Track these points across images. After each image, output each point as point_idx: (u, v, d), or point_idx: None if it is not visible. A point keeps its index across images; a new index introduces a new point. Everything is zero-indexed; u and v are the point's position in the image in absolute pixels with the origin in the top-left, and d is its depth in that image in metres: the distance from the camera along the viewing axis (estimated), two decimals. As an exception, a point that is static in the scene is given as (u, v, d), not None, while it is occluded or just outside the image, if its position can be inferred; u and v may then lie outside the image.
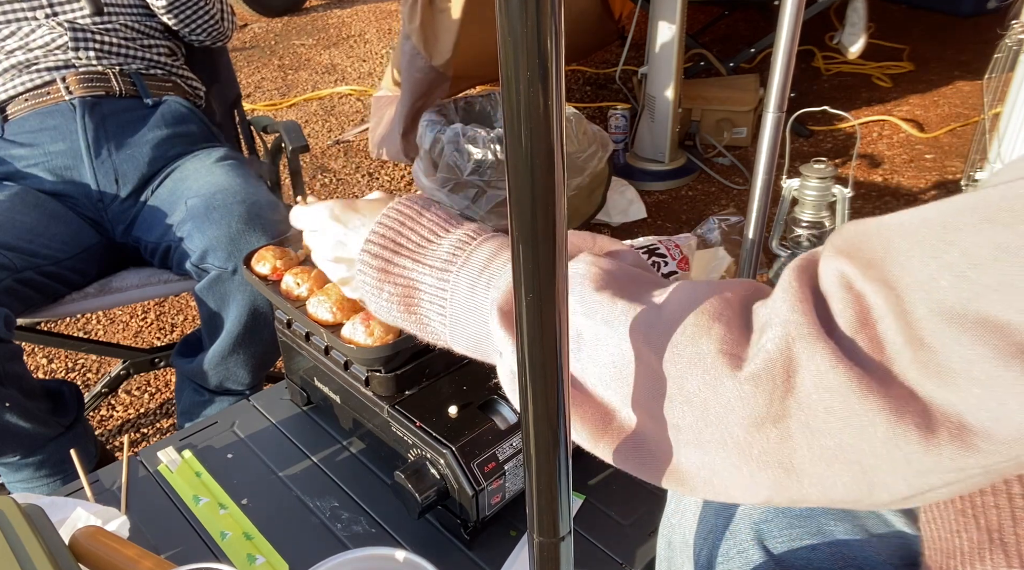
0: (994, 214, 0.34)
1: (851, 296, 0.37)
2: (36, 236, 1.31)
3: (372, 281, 0.57)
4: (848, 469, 0.38)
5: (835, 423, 0.37)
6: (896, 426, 0.35)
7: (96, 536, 0.71)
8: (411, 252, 0.56)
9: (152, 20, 1.57)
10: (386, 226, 0.57)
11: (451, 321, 0.54)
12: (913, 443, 0.35)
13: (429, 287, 0.55)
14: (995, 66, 1.84)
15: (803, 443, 0.38)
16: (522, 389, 0.39)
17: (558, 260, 0.35)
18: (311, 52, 4.37)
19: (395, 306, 0.56)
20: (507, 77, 0.30)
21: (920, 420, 0.35)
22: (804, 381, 0.37)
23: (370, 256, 0.57)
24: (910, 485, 0.37)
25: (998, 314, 0.32)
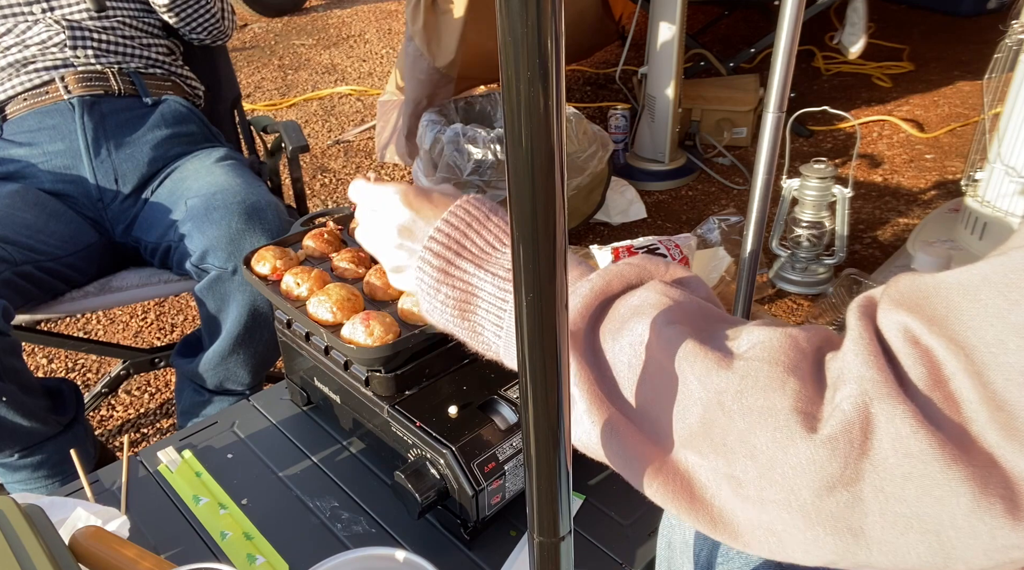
0: None
1: (918, 351, 0.36)
2: (36, 233, 1.31)
3: (430, 280, 0.55)
4: (923, 539, 0.36)
5: (913, 490, 0.35)
6: (981, 499, 0.33)
7: (96, 536, 0.71)
8: (474, 256, 0.54)
9: (151, 18, 1.57)
10: (452, 226, 0.55)
11: (507, 333, 0.52)
12: (998, 517, 0.33)
13: (488, 295, 0.53)
14: (995, 66, 1.84)
15: (875, 509, 0.36)
16: (522, 389, 0.39)
17: (558, 260, 0.35)
18: (311, 52, 4.37)
19: (450, 310, 0.54)
20: (507, 77, 0.30)
21: (1005, 493, 0.33)
22: (882, 444, 0.36)
23: (432, 254, 0.55)
24: (990, 558, 0.35)
25: None
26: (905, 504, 0.35)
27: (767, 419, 0.38)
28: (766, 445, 0.38)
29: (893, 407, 0.35)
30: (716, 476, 0.41)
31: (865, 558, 0.38)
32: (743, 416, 0.39)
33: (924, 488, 0.35)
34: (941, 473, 0.34)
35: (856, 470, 0.36)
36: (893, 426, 0.35)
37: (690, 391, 0.42)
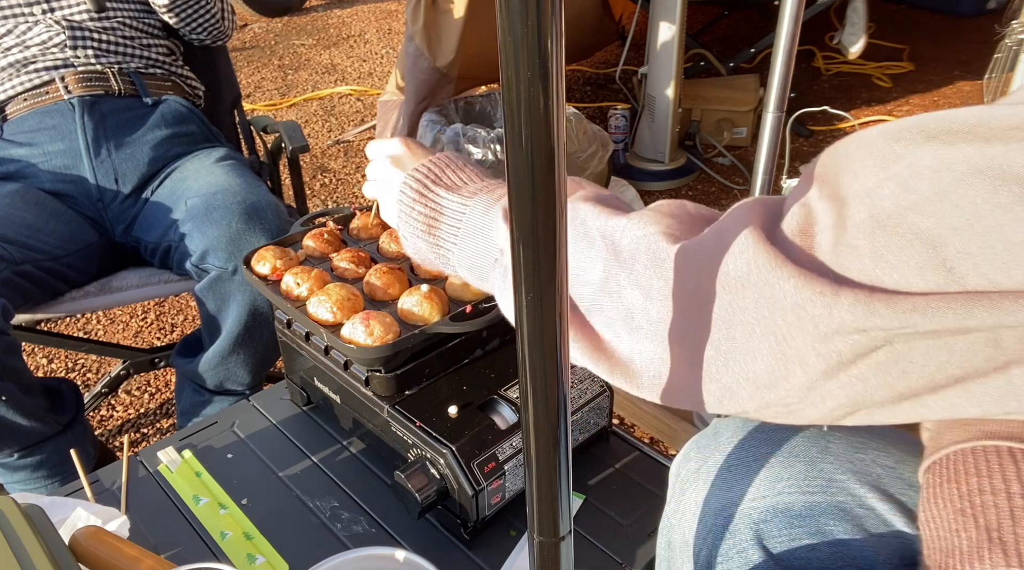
0: (939, 132, 0.36)
1: (803, 211, 0.41)
2: (36, 232, 1.31)
3: (409, 200, 0.66)
4: (765, 343, 0.41)
5: (751, 296, 0.41)
6: (803, 290, 0.38)
7: (96, 536, 0.71)
8: (447, 186, 0.65)
9: (151, 18, 1.57)
10: (434, 163, 0.67)
11: (461, 238, 0.61)
12: (818, 305, 0.38)
13: (451, 211, 0.63)
14: (995, 66, 1.84)
15: (726, 321, 0.42)
16: (522, 389, 0.39)
17: (558, 260, 0.35)
18: (311, 52, 4.37)
19: (420, 225, 0.64)
20: (508, 77, 0.30)
21: (826, 287, 0.38)
22: (728, 260, 0.42)
23: (414, 180, 0.66)
24: (819, 354, 0.39)
25: (930, 226, 0.35)
26: (747, 312, 0.41)
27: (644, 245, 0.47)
28: (644, 267, 0.46)
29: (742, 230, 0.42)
30: (614, 324, 0.48)
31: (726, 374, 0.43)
32: (627, 248, 0.48)
33: (759, 290, 0.40)
34: (771, 272, 0.40)
35: (711, 285, 0.42)
36: (738, 242, 0.41)
37: (593, 244, 0.50)
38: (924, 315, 0.35)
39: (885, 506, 0.57)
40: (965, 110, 0.36)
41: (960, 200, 0.34)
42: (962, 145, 0.35)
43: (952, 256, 0.34)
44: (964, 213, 0.34)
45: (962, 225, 0.34)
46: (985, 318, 0.34)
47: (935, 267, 0.35)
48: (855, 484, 0.58)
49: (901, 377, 0.38)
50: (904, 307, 0.36)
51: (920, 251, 0.35)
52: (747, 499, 0.60)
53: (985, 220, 0.33)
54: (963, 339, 0.36)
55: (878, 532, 0.58)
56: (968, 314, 0.35)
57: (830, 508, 0.58)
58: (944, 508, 0.45)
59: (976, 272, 0.34)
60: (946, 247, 0.34)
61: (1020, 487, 0.42)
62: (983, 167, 0.34)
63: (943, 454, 0.47)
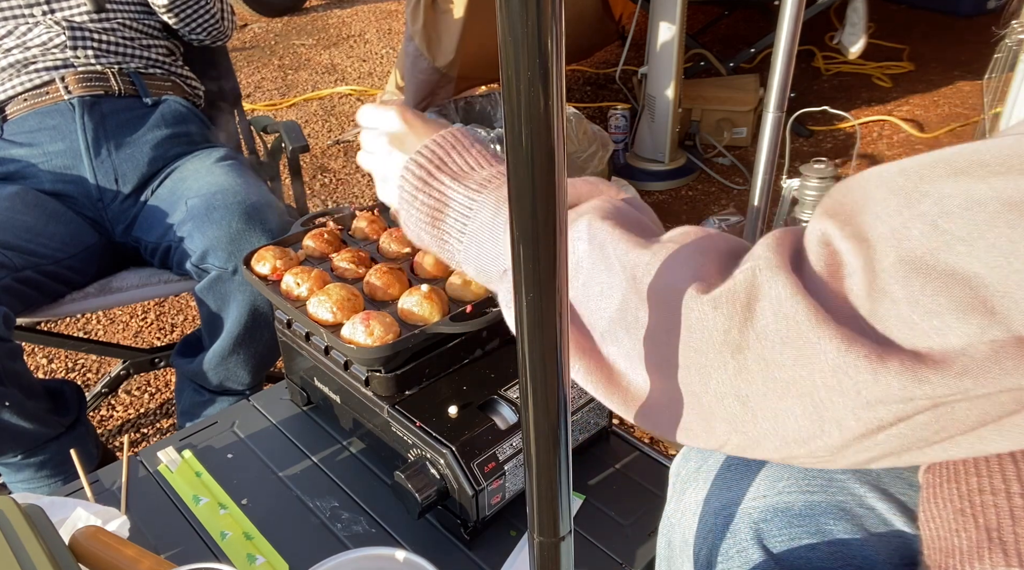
0: (967, 167, 0.34)
1: (827, 252, 0.38)
2: (36, 235, 1.31)
3: (410, 188, 0.60)
4: (800, 403, 0.38)
5: (789, 354, 0.38)
6: (846, 354, 0.36)
7: (96, 536, 0.71)
8: (452, 173, 0.59)
9: (151, 19, 1.57)
10: (438, 145, 0.61)
11: (468, 238, 0.57)
12: (863, 371, 0.35)
13: (458, 204, 0.58)
14: (995, 66, 1.84)
15: (759, 376, 0.39)
16: (522, 389, 0.39)
17: (558, 260, 0.35)
18: (311, 52, 4.37)
19: (424, 216, 0.59)
20: (508, 77, 0.30)
21: (871, 351, 0.35)
22: (764, 310, 0.39)
23: (416, 165, 0.60)
24: (859, 419, 0.37)
25: (965, 266, 0.33)
26: (783, 369, 0.38)
27: (670, 287, 0.43)
28: (668, 310, 0.43)
29: (776, 275, 0.39)
30: (630, 360, 0.45)
31: (753, 428, 0.41)
32: (652, 287, 0.44)
33: (798, 349, 0.37)
34: (812, 332, 0.37)
35: (741, 336, 0.39)
36: (774, 291, 0.38)
37: (612, 273, 0.46)
38: (976, 380, 0.34)
39: (885, 506, 0.57)
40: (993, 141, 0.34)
41: (996, 238, 0.32)
42: (993, 179, 0.33)
43: (992, 297, 0.33)
44: (1001, 251, 0.32)
45: (1000, 264, 0.32)
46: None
47: (975, 309, 0.33)
48: (855, 483, 0.58)
49: (940, 432, 0.37)
50: (955, 372, 0.34)
51: (958, 294, 0.33)
52: (747, 498, 0.60)
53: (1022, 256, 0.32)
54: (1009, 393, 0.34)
55: (878, 532, 0.58)
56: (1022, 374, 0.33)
57: (830, 507, 0.58)
58: (944, 508, 0.45)
59: (1019, 311, 0.32)
60: (985, 288, 0.33)
61: (1020, 487, 0.42)
62: (1018, 201, 0.32)
63: (943, 454, 0.47)
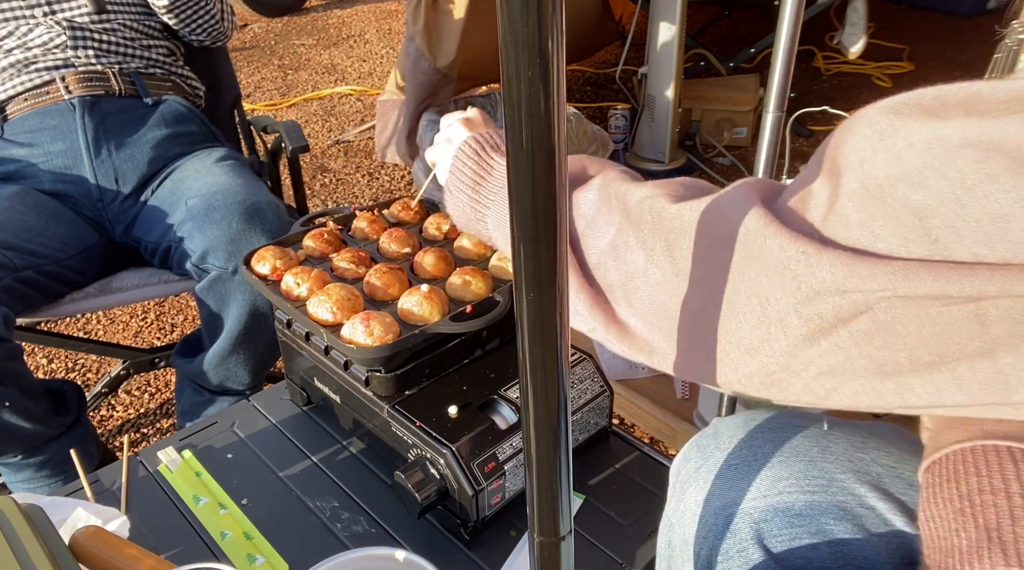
0: (938, 107, 0.36)
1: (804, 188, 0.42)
2: (36, 236, 1.31)
3: (464, 156, 0.71)
4: (750, 303, 0.42)
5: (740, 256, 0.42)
6: (788, 248, 0.39)
7: (96, 536, 0.71)
8: (503, 153, 0.69)
9: (151, 19, 1.57)
10: (499, 133, 0.72)
11: (500, 199, 0.66)
12: (802, 263, 0.39)
13: (498, 174, 0.68)
14: (995, 66, 1.84)
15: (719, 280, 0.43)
16: (522, 389, 0.39)
17: (558, 260, 0.35)
18: (311, 52, 4.37)
19: (467, 179, 0.69)
20: (508, 77, 0.30)
21: (810, 247, 0.39)
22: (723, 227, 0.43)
23: (474, 141, 0.71)
24: (800, 316, 0.40)
25: (917, 198, 0.35)
26: (735, 271, 0.42)
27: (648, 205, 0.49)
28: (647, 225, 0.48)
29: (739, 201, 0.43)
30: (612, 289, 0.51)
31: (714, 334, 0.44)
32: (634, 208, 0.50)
33: (747, 249, 0.42)
34: (759, 233, 0.41)
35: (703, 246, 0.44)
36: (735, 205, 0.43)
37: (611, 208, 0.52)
38: (904, 278, 0.36)
39: (885, 505, 0.57)
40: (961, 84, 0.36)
41: (949, 171, 0.34)
42: (956, 118, 0.35)
43: (938, 228, 0.35)
44: (952, 184, 0.34)
45: (949, 197, 0.34)
46: (964, 286, 0.34)
47: (920, 238, 0.35)
48: (855, 483, 0.58)
49: (883, 348, 0.38)
50: (884, 270, 0.36)
51: (907, 222, 0.36)
52: (747, 498, 0.60)
53: (972, 192, 0.34)
54: (944, 311, 0.36)
55: (878, 531, 0.58)
56: (947, 281, 0.35)
57: (830, 507, 0.58)
58: (944, 508, 0.45)
59: (961, 245, 0.34)
60: (932, 218, 0.35)
61: (1019, 487, 0.42)
62: (974, 139, 0.34)
63: (943, 454, 0.47)
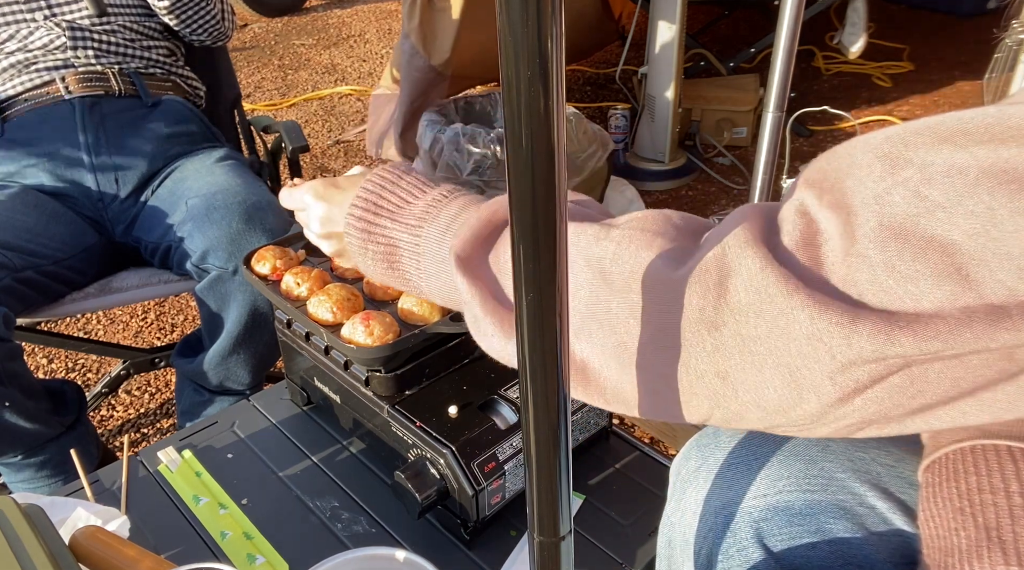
0: (951, 134, 0.35)
1: (803, 221, 0.39)
2: (36, 236, 1.31)
3: (358, 243, 0.61)
4: (777, 373, 0.38)
5: (764, 326, 0.38)
6: (819, 320, 0.36)
7: (96, 536, 0.71)
8: (390, 213, 0.60)
9: (152, 20, 1.57)
10: (368, 191, 0.62)
11: (425, 275, 0.58)
12: (836, 336, 0.36)
13: (406, 244, 0.59)
14: (995, 66, 1.84)
15: (736, 351, 0.39)
16: (522, 389, 0.39)
17: (558, 260, 0.35)
18: (311, 52, 4.37)
19: (380, 264, 0.60)
20: (508, 77, 0.30)
21: (843, 315, 0.36)
22: (736, 285, 0.39)
23: (354, 219, 0.61)
24: (835, 383, 0.37)
25: (943, 233, 0.33)
26: (759, 342, 0.38)
27: (639, 272, 0.43)
28: (639, 295, 0.43)
29: (745, 250, 0.39)
30: (604, 354, 0.45)
31: (735, 402, 0.41)
32: (620, 276, 0.44)
33: (772, 320, 0.38)
34: (784, 301, 0.37)
35: (716, 314, 0.39)
36: (745, 265, 0.39)
37: (576, 271, 0.46)
38: (946, 342, 0.34)
39: (885, 504, 0.57)
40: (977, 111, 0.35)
41: (975, 205, 0.33)
42: (975, 147, 0.33)
43: (968, 264, 0.33)
44: (979, 218, 0.33)
45: (978, 231, 0.33)
46: (1007, 340, 0.33)
47: (950, 276, 0.33)
48: (855, 482, 0.58)
49: (916, 396, 0.37)
50: (926, 334, 0.34)
51: (934, 259, 0.34)
52: (747, 498, 0.60)
53: (1002, 225, 0.32)
54: (978, 356, 0.35)
55: (878, 531, 0.58)
56: (991, 338, 0.33)
57: (830, 507, 0.58)
58: (943, 507, 0.45)
59: (993, 279, 0.33)
60: (961, 254, 0.33)
61: (1019, 486, 0.42)
62: (999, 170, 0.33)
63: (942, 453, 0.47)
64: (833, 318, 0.36)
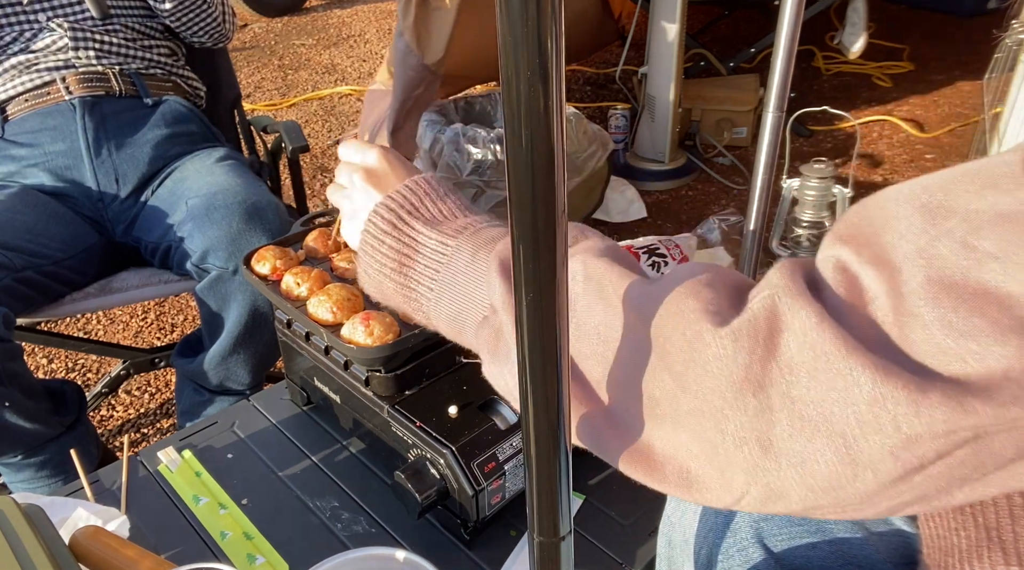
0: (996, 180, 0.32)
1: (844, 279, 0.36)
2: (36, 236, 1.31)
3: (378, 230, 0.57)
4: (830, 443, 0.34)
5: (818, 389, 0.34)
6: (883, 385, 0.32)
7: (96, 536, 0.71)
8: (426, 219, 0.57)
9: (153, 21, 1.57)
10: (411, 190, 0.58)
11: (440, 285, 0.54)
12: (902, 403, 0.32)
13: (430, 249, 0.55)
14: (995, 66, 1.84)
15: (783, 415, 0.35)
16: (522, 389, 0.39)
17: (558, 260, 0.35)
18: (311, 52, 4.37)
19: (390, 261, 0.56)
20: (507, 77, 0.30)
21: (909, 381, 0.32)
22: (788, 341, 0.35)
23: (386, 208, 0.57)
24: (897, 459, 0.33)
25: (999, 285, 0.31)
26: (811, 406, 0.34)
27: (679, 322, 0.39)
28: (679, 348, 0.38)
29: (798, 303, 0.35)
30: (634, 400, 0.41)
31: (775, 476, 0.37)
32: (659, 329, 0.40)
33: (828, 383, 0.34)
34: (842, 362, 0.33)
35: (764, 372, 0.35)
36: (798, 320, 0.35)
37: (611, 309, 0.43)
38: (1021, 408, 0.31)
39: (885, 505, 0.57)
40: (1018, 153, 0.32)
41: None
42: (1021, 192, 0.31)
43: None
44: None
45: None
46: None
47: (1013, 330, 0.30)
48: (855, 483, 0.58)
49: (977, 469, 0.34)
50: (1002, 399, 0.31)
51: (993, 314, 0.31)
52: (747, 498, 0.60)
53: None
54: None
55: (878, 530, 0.58)
56: None
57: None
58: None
59: None
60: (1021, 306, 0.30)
61: (1020, 486, 0.42)
62: None
63: (943, 454, 0.47)
64: (899, 383, 0.32)
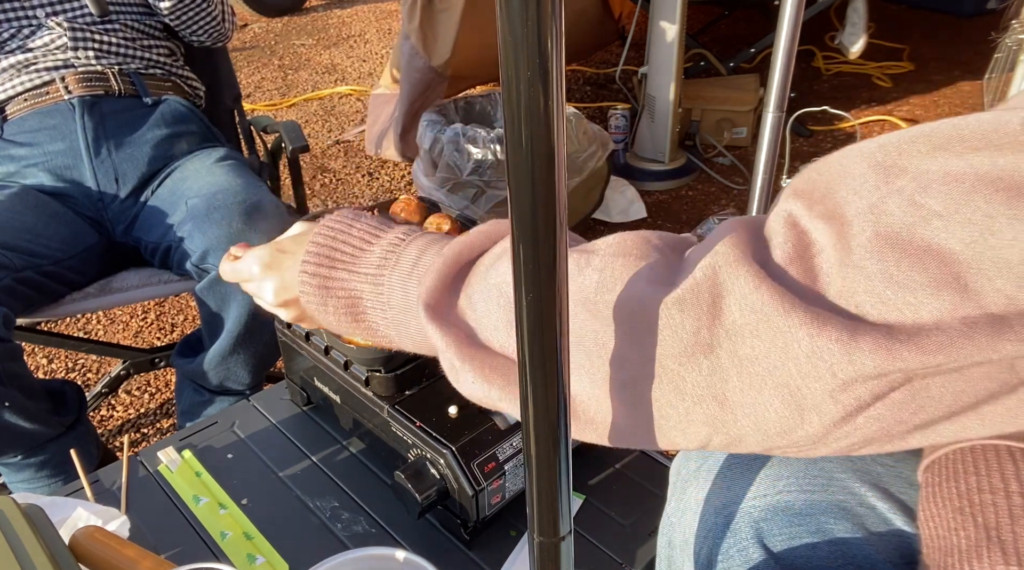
0: (946, 142, 0.34)
1: (794, 233, 0.38)
2: (36, 236, 1.31)
3: (316, 300, 0.56)
4: (777, 393, 0.37)
5: (761, 346, 0.37)
6: (818, 338, 0.35)
7: (96, 536, 0.71)
8: (346, 264, 0.56)
9: (152, 20, 1.57)
10: (319, 245, 0.57)
11: (393, 324, 0.54)
12: (836, 353, 0.35)
13: (369, 294, 0.55)
14: (995, 66, 1.84)
15: (734, 373, 0.38)
16: (522, 389, 0.39)
17: (558, 260, 0.35)
18: (311, 52, 4.37)
19: (344, 318, 0.56)
20: (507, 77, 0.30)
21: (842, 331, 0.35)
22: (730, 305, 0.38)
23: (308, 276, 0.56)
24: (837, 402, 0.36)
25: (941, 242, 0.33)
26: (757, 362, 0.37)
27: (626, 299, 0.41)
28: (629, 323, 0.41)
29: (737, 269, 0.38)
30: (595, 387, 0.43)
31: (733, 427, 0.40)
32: (606, 305, 0.42)
33: (770, 339, 0.37)
34: (782, 320, 0.36)
35: (711, 336, 0.38)
36: (737, 285, 0.37)
37: None
38: (949, 355, 0.33)
39: (885, 505, 0.57)
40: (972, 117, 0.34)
41: (972, 213, 0.32)
42: (971, 155, 0.33)
43: (966, 272, 0.33)
44: (977, 226, 0.32)
45: (975, 239, 0.32)
46: (1009, 350, 0.33)
47: (949, 285, 0.33)
48: (855, 482, 0.58)
49: (918, 412, 0.37)
50: (928, 347, 0.33)
51: (932, 269, 0.33)
52: (748, 497, 0.60)
53: (1000, 233, 0.32)
54: (980, 368, 0.34)
55: (878, 531, 0.58)
56: (993, 349, 0.33)
57: (830, 507, 0.58)
58: (943, 507, 0.45)
59: (992, 288, 0.32)
60: (959, 263, 0.33)
61: (1019, 486, 0.42)
62: (995, 177, 0.32)
63: (942, 453, 0.47)
64: (833, 334, 0.35)
